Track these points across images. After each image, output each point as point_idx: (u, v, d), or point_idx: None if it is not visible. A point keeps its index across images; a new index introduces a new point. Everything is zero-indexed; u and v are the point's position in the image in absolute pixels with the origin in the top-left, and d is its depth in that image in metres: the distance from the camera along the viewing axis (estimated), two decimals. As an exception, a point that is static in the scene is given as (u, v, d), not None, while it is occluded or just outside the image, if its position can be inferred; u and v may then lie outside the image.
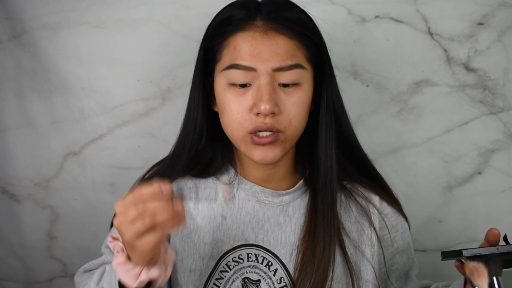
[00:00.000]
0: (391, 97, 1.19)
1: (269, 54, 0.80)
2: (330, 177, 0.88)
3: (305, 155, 0.93)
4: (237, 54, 0.81)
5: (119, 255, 0.72)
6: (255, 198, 0.90)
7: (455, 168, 1.21)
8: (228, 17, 0.84)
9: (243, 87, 0.82)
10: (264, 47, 0.80)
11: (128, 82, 1.20)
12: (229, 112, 0.83)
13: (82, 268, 0.94)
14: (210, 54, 0.86)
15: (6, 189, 1.25)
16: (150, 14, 1.17)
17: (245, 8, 0.83)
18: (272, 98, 0.80)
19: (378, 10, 1.15)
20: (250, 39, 0.81)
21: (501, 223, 1.23)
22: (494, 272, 0.58)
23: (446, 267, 1.22)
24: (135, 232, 0.65)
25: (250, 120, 0.81)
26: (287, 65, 0.81)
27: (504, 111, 1.17)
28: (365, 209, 0.91)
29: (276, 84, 0.81)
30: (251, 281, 0.87)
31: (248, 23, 0.82)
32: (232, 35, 0.82)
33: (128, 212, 0.65)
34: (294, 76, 0.81)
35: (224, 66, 0.83)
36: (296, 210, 0.91)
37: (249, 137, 0.82)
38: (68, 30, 1.18)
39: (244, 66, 0.80)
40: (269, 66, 0.80)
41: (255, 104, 0.80)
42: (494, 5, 1.13)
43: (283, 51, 0.80)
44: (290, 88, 0.82)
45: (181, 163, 0.90)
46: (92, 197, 1.25)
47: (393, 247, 0.92)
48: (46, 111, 1.21)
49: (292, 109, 0.82)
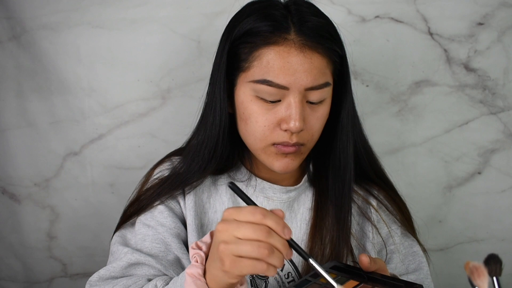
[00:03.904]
0: (391, 97, 1.19)
1: (303, 74, 0.77)
2: (348, 187, 0.88)
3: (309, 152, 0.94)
4: (270, 69, 0.77)
5: (197, 265, 0.67)
6: (263, 194, 0.90)
7: (455, 168, 1.21)
8: (256, 27, 0.79)
9: (273, 102, 0.80)
10: (298, 66, 0.77)
11: (128, 82, 1.20)
12: (254, 123, 0.81)
13: (97, 276, 0.83)
14: (234, 60, 0.82)
15: (6, 189, 1.26)
16: (150, 14, 1.17)
17: (273, 17, 0.79)
18: (302, 116, 0.79)
19: (378, 10, 1.15)
20: (285, 55, 0.77)
21: (501, 223, 1.24)
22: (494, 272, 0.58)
23: (447, 267, 1.22)
24: (240, 251, 0.60)
25: (277, 134, 0.80)
26: (319, 84, 0.79)
27: (504, 111, 1.18)
28: (365, 212, 0.92)
29: (305, 101, 0.80)
30: (260, 277, 0.87)
31: (281, 36, 0.77)
32: (264, 47, 0.78)
33: (244, 231, 0.60)
34: (323, 94, 0.81)
35: (254, 78, 0.79)
36: (301, 206, 0.91)
37: (273, 148, 0.82)
38: (68, 30, 1.18)
39: (277, 84, 0.77)
40: (302, 85, 0.78)
41: (285, 120, 0.79)
42: (494, 5, 1.14)
43: (316, 70, 0.78)
44: (316, 104, 0.82)
45: (205, 163, 0.87)
46: (92, 197, 1.25)
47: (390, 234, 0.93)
48: (46, 111, 1.21)
49: (316, 124, 0.82)
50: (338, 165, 0.88)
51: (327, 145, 0.89)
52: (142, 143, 1.22)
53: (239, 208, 0.62)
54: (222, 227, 0.61)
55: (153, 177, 0.92)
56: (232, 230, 0.60)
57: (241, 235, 0.59)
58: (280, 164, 0.82)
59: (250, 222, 0.60)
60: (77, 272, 1.29)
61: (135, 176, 0.98)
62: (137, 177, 0.96)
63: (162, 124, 1.21)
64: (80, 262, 1.29)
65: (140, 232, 0.86)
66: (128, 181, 1.00)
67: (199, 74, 1.18)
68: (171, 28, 1.17)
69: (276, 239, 0.60)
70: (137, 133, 1.21)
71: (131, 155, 1.22)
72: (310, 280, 0.71)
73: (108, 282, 0.81)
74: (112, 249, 0.88)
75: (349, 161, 0.88)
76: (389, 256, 0.92)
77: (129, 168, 1.22)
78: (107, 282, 0.81)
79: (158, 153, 1.00)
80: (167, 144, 1.20)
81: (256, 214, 0.60)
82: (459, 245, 1.25)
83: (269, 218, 0.60)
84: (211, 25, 1.16)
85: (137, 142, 1.22)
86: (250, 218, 0.60)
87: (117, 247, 0.86)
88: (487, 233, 1.24)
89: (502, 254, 0.61)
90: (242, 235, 0.59)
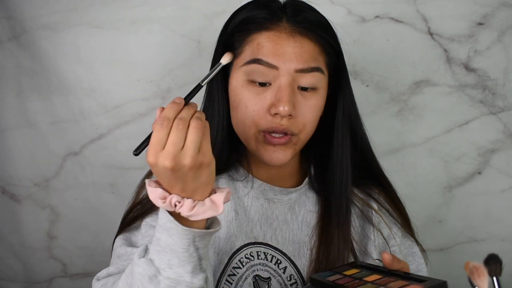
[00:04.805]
0: (391, 97, 1.19)
1: (293, 55, 0.79)
2: (345, 187, 0.88)
3: (309, 153, 0.94)
4: (260, 50, 0.80)
5: (155, 189, 0.66)
6: (263, 196, 0.90)
7: (455, 168, 1.21)
8: (252, 15, 0.82)
9: (262, 86, 0.81)
10: (288, 48, 0.79)
11: (128, 82, 1.20)
12: (244, 109, 0.82)
13: (106, 272, 0.80)
14: (228, 49, 0.84)
15: (6, 189, 1.26)
16: (150, 14, 1.17)
17: (269, 7, 0.82)
18: (291, 100, 0.79)
19: (378, 10, 1.15)
20: (275, 39, 0.80)
21: (501, 223, 1.24)
22: (494, 272, 0.58)
23: (446, 267, 1.22)
24: (174, 145, 0.62)
25: (266, 119, 0.81)
26: (310, 67, 0.80)
27: (504, 111, 1.17)
28: (366, 214, 0.92)
29: (295, 86, 0.81)
30: (262, 279, 0.87)
31: (274, 23, 0.81)
32: (256, 32, 0.81)
33: (160, 135, 0.62)
34: (314, 79, 0.81)
35: (245, 60, 0.81)
36: (302, 207, 0.91)
37: (261, 136, 0.82)
38: (68, 30, 1.18)
39: (266, 62, 0.79)
40: (292, 66, 0.79)
41: (274, 104, 0.80)
42: (494, 5, 1.14)
43: (307, 54, 0.80)
44: (308, 92, 0.82)
45: None
46: (92, 197, 1.25)
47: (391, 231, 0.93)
48: (46, 111, 1.21)
49: (308, 113, 0.82)
50: (336, 165, 0.88)
51: (328, 146, 0.89)
52: (142, 143, 1.22)
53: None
54: (149, 161, 0.64)
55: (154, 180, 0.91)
56: (155, 152, 0.63)
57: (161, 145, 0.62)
58: (269, 154, 0.82)
59: (156, 131, 0.63)
60: (77, 272, 1.29)
61: (135, 176, 0.97)
62: (137, 177, 0.96)
63: (162, 124, 1.21)
64: (80, 262, 1.29)
65: (148, 234, 0.84)
66: (128, 181, 1.00)
67: (199, 74, 1.18)
68: (171, 28, 1.17)
69: (170, 109, 0.63)
70: (137, 133, 1.21)
71: (131, 155, 1.22)
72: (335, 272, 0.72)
73: (116, 276, 0.79)
74: (119, 252, 0.84)
75: (345, 161, 0.87)
76: None
77: (129, 168, 1.22)
78: (117, 277, 0.79)
79: (158, 153, 1.00)
80: (167, 144, 1.20)
81: (155, 123, 0.63)
82: (459, 245, 1.25)
83: (162, 113, 0.63)
84: (211, 25, 1.16)
85: (137, 142, 1.21)
86: (155, 127, 0.63)
87: (124, 249, 0.84)
88: (487, 233, 1.24)
89: (502, 254, 0.61)
90: (160, 142, 0.62)
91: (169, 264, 0.66)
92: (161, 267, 0.66)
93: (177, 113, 0.64)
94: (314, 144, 0.90)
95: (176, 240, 0.65)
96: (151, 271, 0.66)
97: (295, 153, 0.85)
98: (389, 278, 0.68)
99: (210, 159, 0.65)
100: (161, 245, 0.67)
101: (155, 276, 0.66)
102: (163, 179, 0.65)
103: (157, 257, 0.67)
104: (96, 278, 0.81)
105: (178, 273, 0.66)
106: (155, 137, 0.63)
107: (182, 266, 0.66)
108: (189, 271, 0.66)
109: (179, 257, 0.66)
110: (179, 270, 0.66)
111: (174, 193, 0.65)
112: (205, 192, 0.67)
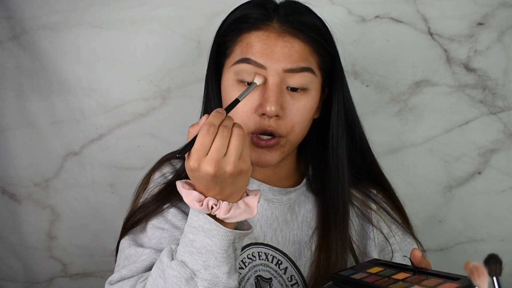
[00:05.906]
0: (391, 97, 1.19)
1: (281, 55, 0.79)
2: (342, 187, 0.88)
3: (306, 154, 0.94)
4: (249, 50, 0.80)
5: (190, 192, 0.67)
6: (263, 197, 0.89)
7: (455, 168, 1.21)
8: (245, 15, 0.83)
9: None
10: (277, 48, 0.79)
11: (128, 82, 1.20)
12: (233, 109, 0.81)
13: (118, 275, 0.78)
14: (221, 49, 0.85)
15: (6, 189, 1.26)
16: (150, 14, 1.17)
17: (263, 8, 0.83)
18: (278, 100, 0.79)
19: (378, 10, 1.15)
20: (264, 38, 0.80)
21: (501, 223, 1.24)
22: (494, 272, 0.58)
23: (446, 267, 1.22)
24: (217, 153, 0.63)
25: (254, 120, 0.81)
26: (299, 67, 0.80)
27: (504, 111, 1.17)
28: (365, 213, 0.92)
29: (284, 87, 0.81)
30: (264, 279, 0.87)
31: (264, 23, 0.81)
32: (247, 32, 0.81)
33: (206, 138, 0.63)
34: (303, 80, 0.81)
35: (234, 60, 0.81)
36: (302, 207, 0.91)
37: (249, 138, 0.82)
38: (68, 30, 1.18)
39: (254, 61, 0.79)
40: (280, 66, 0.79)
41: (261, 104, 0.80)
42: (494, 5, 1.14)
43: (296, 54, 0.80)
44: (298, 93, 0.81)
45: None
46: (92, 197, 1.25)
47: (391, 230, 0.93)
48: (46, 111, 1.21)
49: (297, 115, 0.82)
50: (332, 167, 0.88)
51: (324, 148, 0.89)
52: (142, 143, 1.22)
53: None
54: (191, 166, 0.64)
55: (154, 181, 0.90)
56: (199, 157, 0.63)
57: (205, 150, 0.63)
58: (257, 156, 0.82)
59: (199, 139, 0.63)
60: (77, 272, 1.29)
61: (135, 176, 0.97)
62: (137, 177, 0.96)
63: (162, 124, 1.21)
64: (80, 262, 1.29)
65: (155, 236, 0.83)
66: (128, 181, 1.00)
67: (199, 74, 1.18)
68: (171, 28, 1.18)
69: (215, 117, 0.65)
70: (137, 133, 1.21)
71: (131, 155, 1.22)
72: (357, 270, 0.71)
73: (132, 279, 0.77)
74: (128, 253, 0.82)
75: (341, 162, 0.87)
76: (391, 255, 0.92)
77: (129, 168, 1.22)
78: (133, 280, 0.76)
79: (158, 153, 1.00)
80: (167, 144, 1.20)
81: (201, 129, 0.64)
82: (459, 245, 1.25)
83: (207, 119, 0.64)
84: (211, 25, 1.16)
85: (137, 142, 1.22)
86: (198, 134, 0.64)
87: (134, 249, 0.82)
88: (487, 233, 1.24)
89: (502, 254, 0.61)
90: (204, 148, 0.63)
91: (204, 266, 0.66)
92: (196, 269, 0.67)
93: (221, 121, 0.65)
94: (311, 145, 0.90)
95: (215, 242, 0.66)
96: (186, 274, 0.66)
97: (284, 155, 0.85)
98: (419, 276, 0.68)
99: (249, 166, 0.67)
100: (195, 246, 0.67)
101: (191, 278, 0.66)
102: (202, 183, 0.65)
103: (190, 258, 0.67)
104: (109, 282, 0.79)
105: (214, 274, 0.66)
106: (200, 142, 0.63)
107: (218, 267, 0.66)
108: (225, 272, 0.67)
109: (216, 258, 0.66)
110: (215, 271, 0.66)
111: (209, 196, 0.66)
112: (239, 195, 0.68)
